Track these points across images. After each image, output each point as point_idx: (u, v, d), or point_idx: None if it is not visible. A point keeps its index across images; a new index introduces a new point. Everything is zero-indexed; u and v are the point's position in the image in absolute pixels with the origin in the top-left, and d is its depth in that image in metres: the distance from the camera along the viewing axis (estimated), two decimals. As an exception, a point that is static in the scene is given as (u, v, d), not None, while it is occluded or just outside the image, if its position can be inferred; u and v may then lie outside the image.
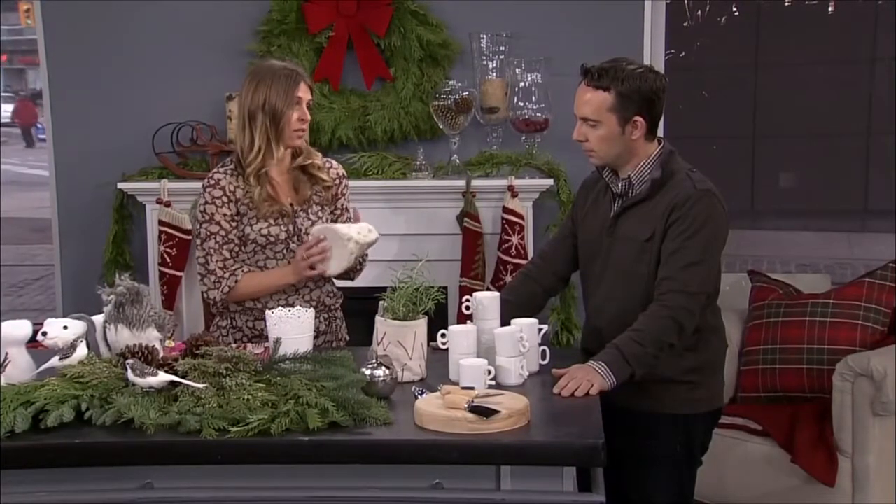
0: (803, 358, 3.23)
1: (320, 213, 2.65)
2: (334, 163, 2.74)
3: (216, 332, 2.68)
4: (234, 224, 2.56)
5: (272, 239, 2.58)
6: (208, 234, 2.56)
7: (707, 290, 2.31)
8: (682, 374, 2.35)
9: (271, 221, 2.57)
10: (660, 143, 2.38)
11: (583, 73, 2.33)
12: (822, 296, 3.33)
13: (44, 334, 2.11)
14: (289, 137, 2.56)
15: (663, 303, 2.26)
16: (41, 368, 2.10)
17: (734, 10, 7.09)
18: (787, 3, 7.00)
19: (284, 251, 2.60)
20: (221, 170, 2.61)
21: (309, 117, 2.59)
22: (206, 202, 2.57)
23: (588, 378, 2.15)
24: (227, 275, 2.55)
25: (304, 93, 2.56)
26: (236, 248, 2.58)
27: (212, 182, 2.58)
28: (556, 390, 2.15)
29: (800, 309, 3.30)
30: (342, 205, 2.71)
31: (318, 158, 2.67)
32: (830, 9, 6.96)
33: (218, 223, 2.55)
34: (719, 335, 2.45)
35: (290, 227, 2.59)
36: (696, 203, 2.27)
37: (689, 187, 2.30)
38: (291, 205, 2.60)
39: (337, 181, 2.70)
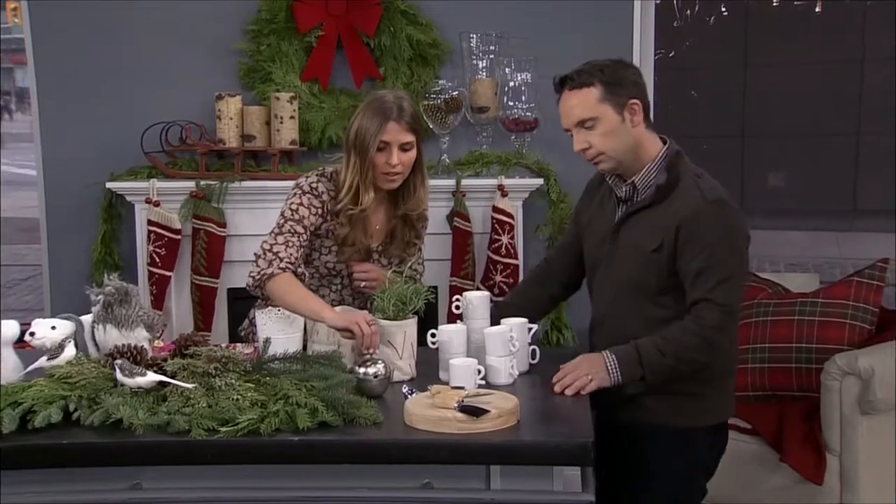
0: (792, 357, 3.24)
1: (393, 259, 2.55)
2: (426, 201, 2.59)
3: (249, 328, 2.61)
4: (311, 233, 2.46)
5: (335, 272, 2.51)
6: (292, 231, 2.41)
7: (739, 302, 2.20)
8: (684, 385, 2.22)
9: (342, 258, 2.49)
10: (665, 143, 2.28)
11: (559, 82, 2.25)
12: (811, 295, 3.34)
13: (31, 334, 2.10)
14: (378, 180, 2.42)
15: (697, 320, 2.14)
16: (29, 369, 2.10)
17: (723, 10, 7.11)
18: (775, 3, 7.03)
19: (340, 285, 2.53)
20: (327, 183, 2.47)
21: (396, 161, 2.39)
22: (302, 204, 2.43)
23: (589, 373, 2.12)
24: (285, 260, 2.36)
25: (393, 135, 2.38)
26: (304, 254, 2.46)
27: (315, 192, 2.45)
28: (554, 379, 2.14)
29: (788, 308, 3.31)
30: (417, 246, 2.62)
31: (426, 204, 2.53)
32: (818, 9, 7.00)
33: (305, 228, 2.42)
34: (728, 345, 2.26)
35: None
36: (709, 217, 2.15)
37: (697, 198, 2.17)
38: (370, 245, 2.50)
39: (423, 225, 2.59)
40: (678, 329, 2.15)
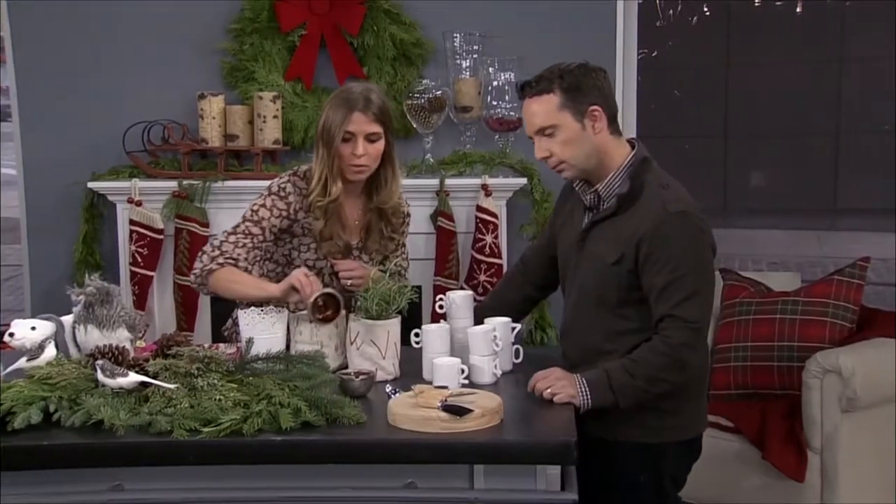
0: (774, 355, 3.26)
1: (374, 255, 2.54)
2: (404, 197, 2.59)
3: (232, 328, 2.59)
4: (272, 236, 2.44)
5: (316, 269, 2.48)
6: (246, 232, 2.41)
7: (707, 317, 2.13)
8: (656, 401, 2.15)
9: (322, 253, 2.48)
10: (633, 148, 2.21)
11: (520, 89, 2.21)
12: (793, 293, 3.37)
13: (11, 335, 2.09)
14: (345, 171, 2.40)
15: (665, 339, 2.08)
16: (9, 370, 2.08)
17: (705, 10, 7.15)
18: (756, 4, 7.07)
19: (322, 284, 2.47)
20: (300, 182, 2.45)
21: (362, 152, 2.38)
22: (264, 206, 2.42)
23: (557, 386, 2.08)
24: (227, 254, 2.38)
25: (358, 125, 2.36)
26: (258, 255, 2.44)
27: (282, 193, 2.43)
28: (531, 381, 2.14)
29: (770, 307, 3.33)
30: (399, 241, 2.59)
31: (398, 199, 2.51)
32: (799, 9, 7.05)
33: (262, 229, 2.41)
34: (699, 362, 2.19)
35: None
36: (671, 229, 2.08)
37: (658, 210, 2.10)
38: (350, 242, 2.48)
39: (402, 220, 2.57)
40: (647, 349, 2.10)
